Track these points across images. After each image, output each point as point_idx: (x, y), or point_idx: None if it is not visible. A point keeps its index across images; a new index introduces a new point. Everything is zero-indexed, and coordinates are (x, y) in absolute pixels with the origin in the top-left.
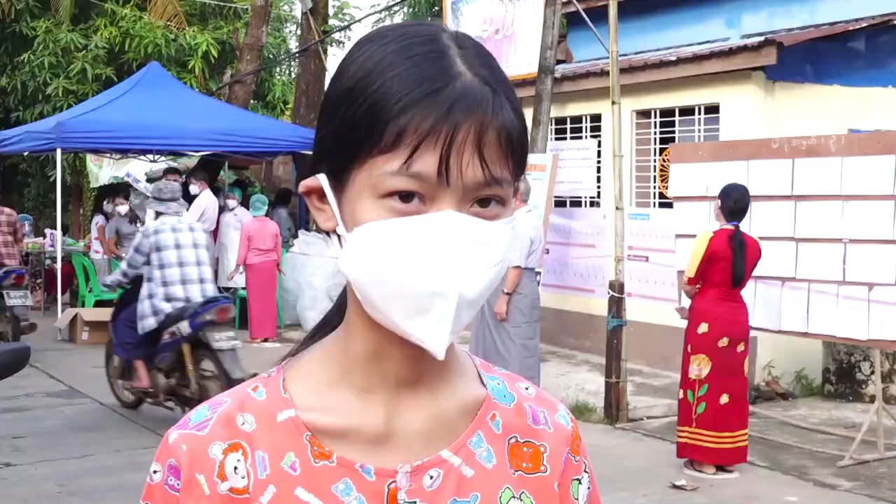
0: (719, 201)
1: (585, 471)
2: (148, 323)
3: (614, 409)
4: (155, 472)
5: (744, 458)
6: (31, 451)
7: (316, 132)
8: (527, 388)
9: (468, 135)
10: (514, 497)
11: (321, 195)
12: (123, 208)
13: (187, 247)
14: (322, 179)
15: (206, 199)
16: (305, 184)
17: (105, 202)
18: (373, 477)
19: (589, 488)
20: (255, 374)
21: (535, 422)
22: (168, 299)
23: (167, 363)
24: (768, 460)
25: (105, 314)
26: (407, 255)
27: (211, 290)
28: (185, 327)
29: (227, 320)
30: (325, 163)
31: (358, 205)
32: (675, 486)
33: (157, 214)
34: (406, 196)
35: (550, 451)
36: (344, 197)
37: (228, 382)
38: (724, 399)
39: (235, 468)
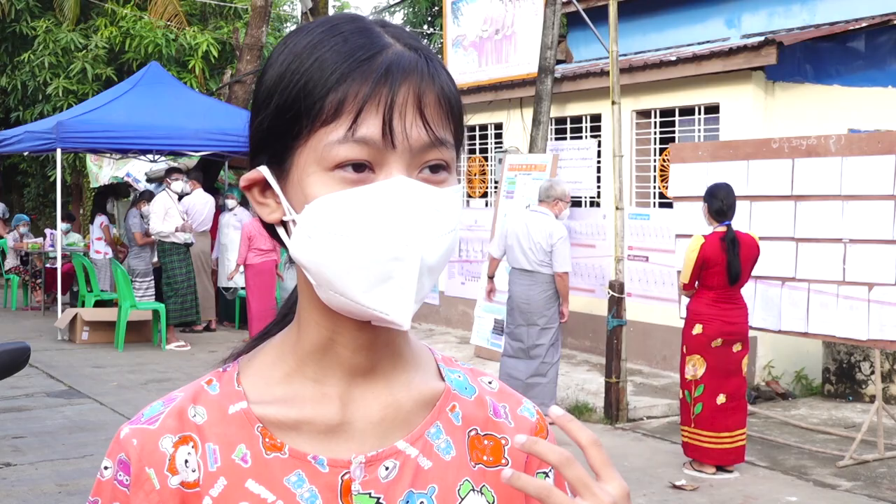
0: (705, 204)
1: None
2: None
3: (614, 409)
4: (105, 468)
5: (742, 458)
6: (31, 451)
7: (249, 128)
8: (490, 383)
9: (408, 97)
10: (473, 490)
11: (262, 187)
12: (148, 208)
13: None
14: (263, 170)
15: (193, 199)
16: (247, 177)
17: (134, 204)
18: (326, 468)
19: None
20: None
21: (496, 415)
22: None
23: None
24: (768, 460)
25: (105, 314)
26: (363, 224)
27: None
28: None
29: None
30: (264, 153)
31: (306, 182)
32: (675, 486)
33: None
34: (356, 167)
35: (513, 443)
36: (289, 182)
37: None
38: (721, 399)
39: (186, 461)
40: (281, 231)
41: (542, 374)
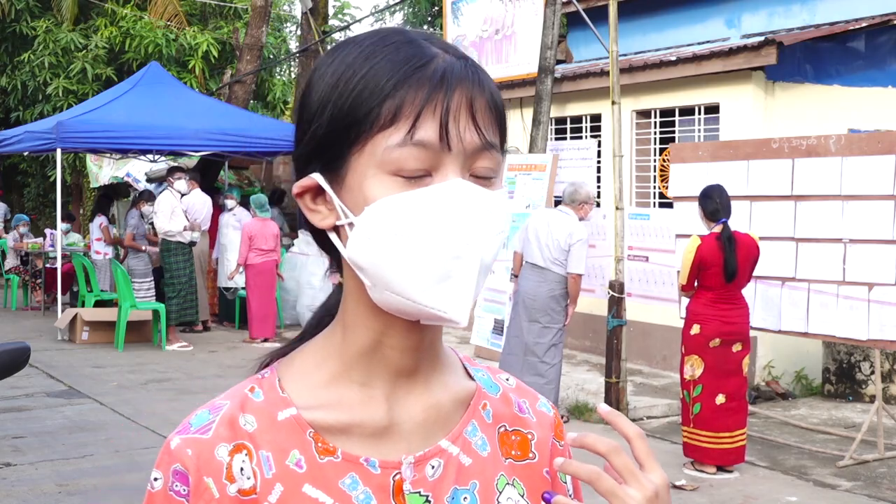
0: (700, 208)
1: (570, 455)
2: None
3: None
4: (156, 479)
5: (742, 459)
6: (31, 451)
7: (297, 138)
8: (507, 380)
9: (461, 102)
10: (508, 484)
11: (315, 194)
12: (149, 208)
13: None
14: (317, 177)
15: (191, 199)
16: (300, 184)
17: (138, 205)
18: (378, 470)
19: None
20: None
21: (521, 411)
22: None
23: None
24: (768, 460)
25: (105, 314)
26: (425, 224)
27: None
28: None
29: None
30: (317, 160)
31: (365, 185)
32: (675, 486)
33: None
34: (413, 169)
35: (538, 438)
36: (344, 187)
37: None
38: (720, 399)
39: (241, 469)
40: (333, 236)
41: (540, 374)
